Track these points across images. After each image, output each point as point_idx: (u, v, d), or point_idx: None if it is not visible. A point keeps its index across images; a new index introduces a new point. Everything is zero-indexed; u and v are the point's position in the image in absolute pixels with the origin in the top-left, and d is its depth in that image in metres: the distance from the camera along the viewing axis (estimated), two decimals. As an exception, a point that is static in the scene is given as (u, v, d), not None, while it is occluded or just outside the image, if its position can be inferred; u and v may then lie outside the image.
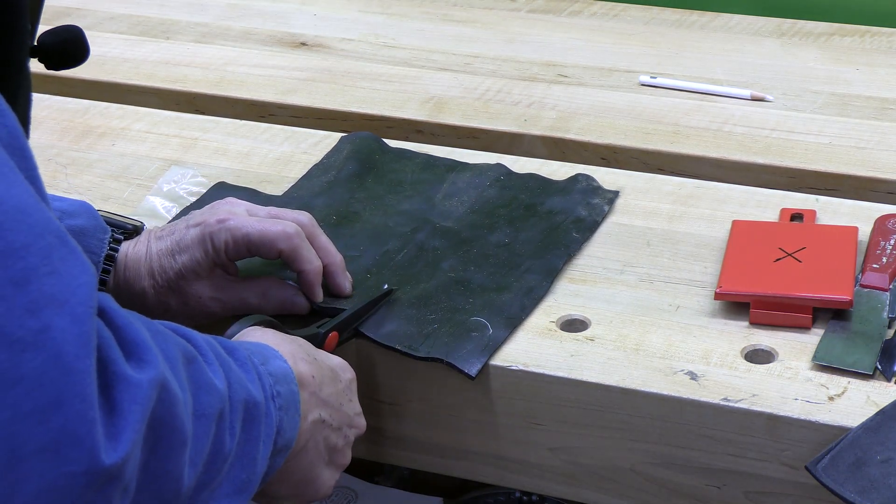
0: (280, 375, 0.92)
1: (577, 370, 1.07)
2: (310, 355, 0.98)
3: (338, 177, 1.32)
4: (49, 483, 0.70)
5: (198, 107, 1.54)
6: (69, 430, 0.71)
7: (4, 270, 0.70)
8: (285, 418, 0.91)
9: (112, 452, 0.73)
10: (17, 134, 0.76)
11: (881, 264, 1.15)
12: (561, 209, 1.25)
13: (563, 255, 1.19)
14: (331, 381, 0.99)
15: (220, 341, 0.90)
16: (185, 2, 1.81)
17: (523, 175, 1.31)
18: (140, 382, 0.75)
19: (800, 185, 1.35)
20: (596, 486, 1.09)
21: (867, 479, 0.96)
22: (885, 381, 1.04)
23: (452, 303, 1.13)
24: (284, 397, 0.92)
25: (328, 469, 1.00)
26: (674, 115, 1.46)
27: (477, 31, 1.69)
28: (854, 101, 1.48)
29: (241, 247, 1.09)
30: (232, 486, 0.86)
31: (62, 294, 0.72)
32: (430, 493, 1.44)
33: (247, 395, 0.87)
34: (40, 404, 0.70)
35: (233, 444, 0.85)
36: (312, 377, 0.96)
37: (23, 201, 0.72)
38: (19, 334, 0.70)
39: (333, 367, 1.01)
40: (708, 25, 1.68)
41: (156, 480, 0.78)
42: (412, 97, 1.52)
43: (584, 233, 1.22)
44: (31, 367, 0.70)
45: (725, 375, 1.05)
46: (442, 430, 1.12)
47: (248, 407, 0.87)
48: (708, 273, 1.17)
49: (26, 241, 0.71)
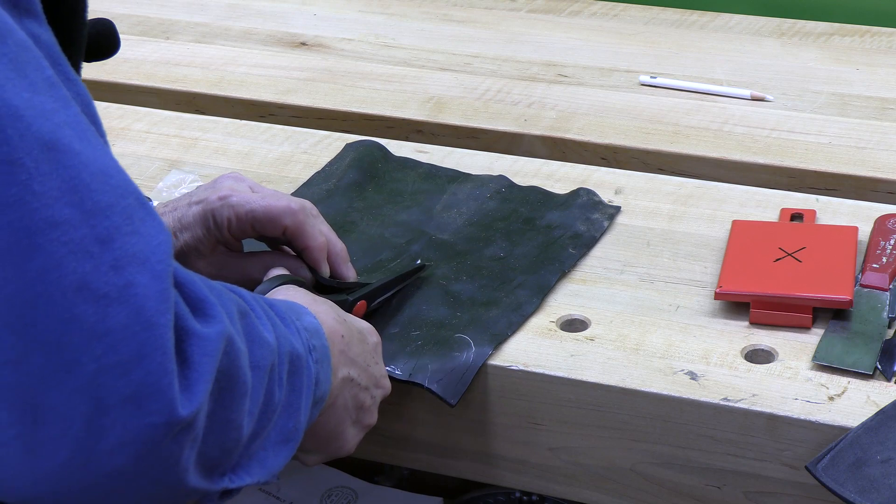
0: (313, 330, 0.94)
1: (577, 370, 1.07)
2: (339, 316, 0.99)
3: (338, 185, 1.31)
4: (131, 433, 0.74)
5: (198, 107, 1.54)
6: (150, 383, 0.74)
7: (92, 229, 0.74)
8: (321, 371, 0.93)
9: (188, 404, 0.76)
10: (90, 102, 0.80)
11: (881, 264, 1.15)
12: (559, 224, 1.24)
13: (557, 272, 1.17)
14: (359, 342, 1.01)
15: (262, 298, 0.93)
16: (185, 2, 1.81)
17: (525, 188, 1.30)
18: (209, 336, 0.78)
19: (800, 185, 1.35)
20: (596, 486, 1.09)
21: (867, 479, 0.96)
22: (885, 381, 1.04)
23: (438, 317, 1.13)
24: (319, 350, 0.93)
25: (354, 427, 1.01)
26: (674, 115, 1.46)
27: (477, 31, 1.69)
28: (854, 101, 1.48)
29: (245, 223, 1.08)
30: (281, 435, 0.89)
31: (143, 252, 0.75)
32: (430, 493, 1.44)
33: (291, 347, 0.89)
34: (125, 357, 0.73)
35: (281, 394, 0.88)
36: (342, 336, 0.98)
37: (106, 164, 0.76)
38: (105, 290, 0.73)
39: (361, 330, 1.02)
40: (708, 25, 1.68)
41: (220, 429, 0.81)
42: (412, 97, 1.52)
43: (581, 248, 1.21)
44: (116, 320, 0.73)
45: (725, 375, 1.05)
46: (442, 430, 1.12)
47: (292, 359, 0.89)
48: (708, 273, 1.17)
49: (111, 202, 0.75)
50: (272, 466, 0.88)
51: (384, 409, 1.12)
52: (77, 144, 0.75)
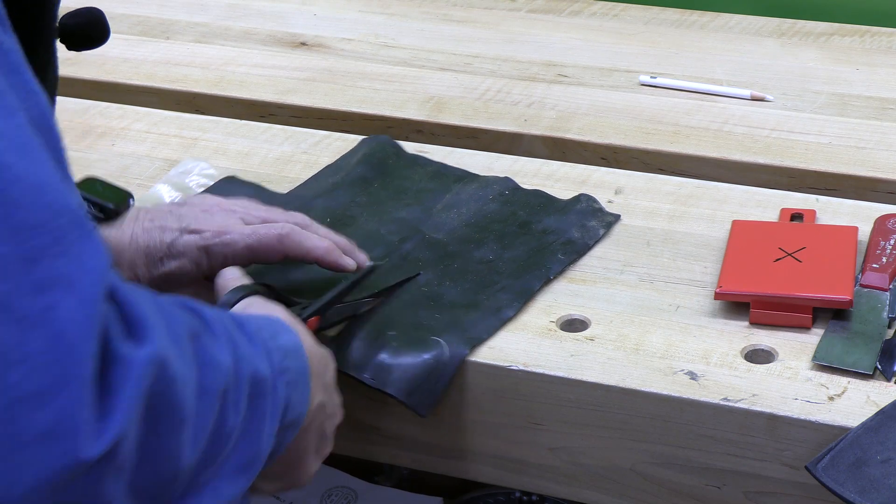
0: (291, 349, 0.90)
1: (577, 370, 1.07)
2: (311, 336, 0.97)
3: (344, 179, 1.31)
4: (48, 471, 0.70)
5: (198, 107, 1.54)
6: (66, 417, 0.70)
7: (16, 247, 0.70)
8: (294, 394, 0.90)
9: (106, 434, 0.72)
10: (47, 113, 0.76)
11: (881, 264, 1.15)
12: (554, 229, 1.23)
13: (542, 277, 1.16)
14: (327, 366, 0.98)
15: (229, 315, 0.89)
16: (185, 2, 1.81)
17: (529, 191, 1.29)
18: (136, 360, 0.74)
19: (800, 185, 1.35)
20: (596, 486, 1.09)
21: (867, 479, 0.96)
22: (885, 381, 1.04)
23: (417, 319, 1.12)
24: (294, 372, 0.90)
25: (315, 456, 0.98)
26: (674, 115, 1.46)
27: (477, 31, 1.69)
28: (854, 101, 1.48)
29: (242, 259, 1.07)
30: (236, 464, 0.85)
31: (71, 275, 0.71)
32: (430, 493, 1.44)
33: (254, 370, 0.85)
34: (41, 387, 0.69)
35: (237, 420, 0.84)
36: (319, 359, 0.95)
37: (43, 180, 0.72)
38: (25, 312, 0.70)
39: (325, 355, 0.99)
40: (708, 25, 1.68)
41: (153, 459, 0.77)
42: (412, 97, 1.52)
43: (571, 255, 1.19)
44: (34, 346, 0.70)
45: (725, 375, 1.05)
46: (442, 430, 1.12)
47: (254, 382, 0.85)
48: (708, 273, 1.17)
49: (41, 220, 0.71)
50: (227, 495, 0.84)
51: (384, 408, 1.12)
52: (10, 157, 0.71)
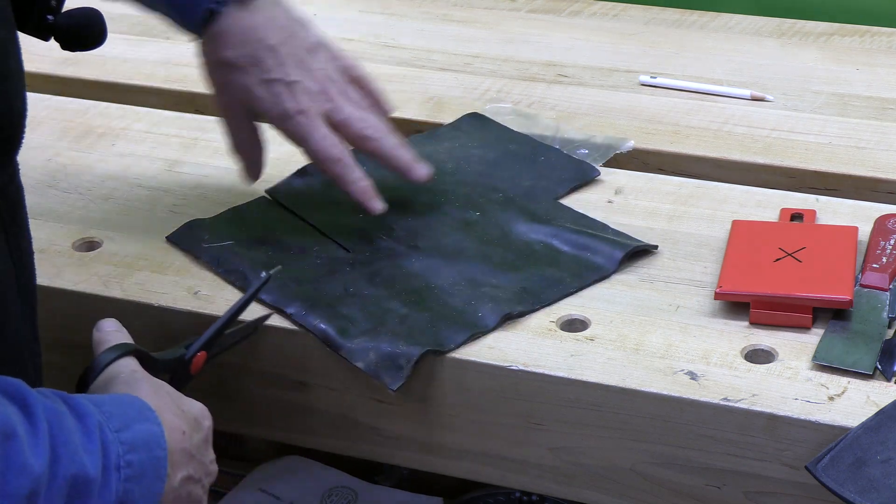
0: (140, 442, 0.89)
1: (577, 370, 1.07)
2: (178, 407, 0.96)
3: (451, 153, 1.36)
4: None
5: (198, 107, 1.54)
6: None
7: None
8: (135, 489, 0.88)
9: None
10: None
11: (881, 264, 1.15)
12: (590, 248, 1.19)
13: (534, 304, 1.13)
14: (196, 430, 0.97)
15: (71, 404, 0.87)
16: (185, 2, 1.81)
17: (591, 219, 1.24)
18: None
19: (800, 185, 1.35)
20: (596, 486, 1.09)
21: (867, 479, 0.96)
22: (885, 381, 1.04)
23: (442, 284, 1.14)
24: (137, 466, 0.89)
25: None
26: (674, 115, 1.46)
27: (477, 31, 1.69)
28: (854, 101, 1.47)
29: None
30: None
31: None
32: (430, 493, 1.44)
33: (77, 469, 0.84)
34: None
35: None
36: (183, 432, 0.94)
37: None
38: None
39: (196, 416, 0.98)
40: (708, 25, 1.68)
41: None
42: (412, 97, 1.52)
43: (576, 280, 1.16)
44: None
45: (725, 375, 1.05)
46: (442, 430, 1.12)
47: (75, 483, 0.84)
48: (708, 273, 1.17)
49: None
50: None
51: (384, 409, 1.12)
52: None
